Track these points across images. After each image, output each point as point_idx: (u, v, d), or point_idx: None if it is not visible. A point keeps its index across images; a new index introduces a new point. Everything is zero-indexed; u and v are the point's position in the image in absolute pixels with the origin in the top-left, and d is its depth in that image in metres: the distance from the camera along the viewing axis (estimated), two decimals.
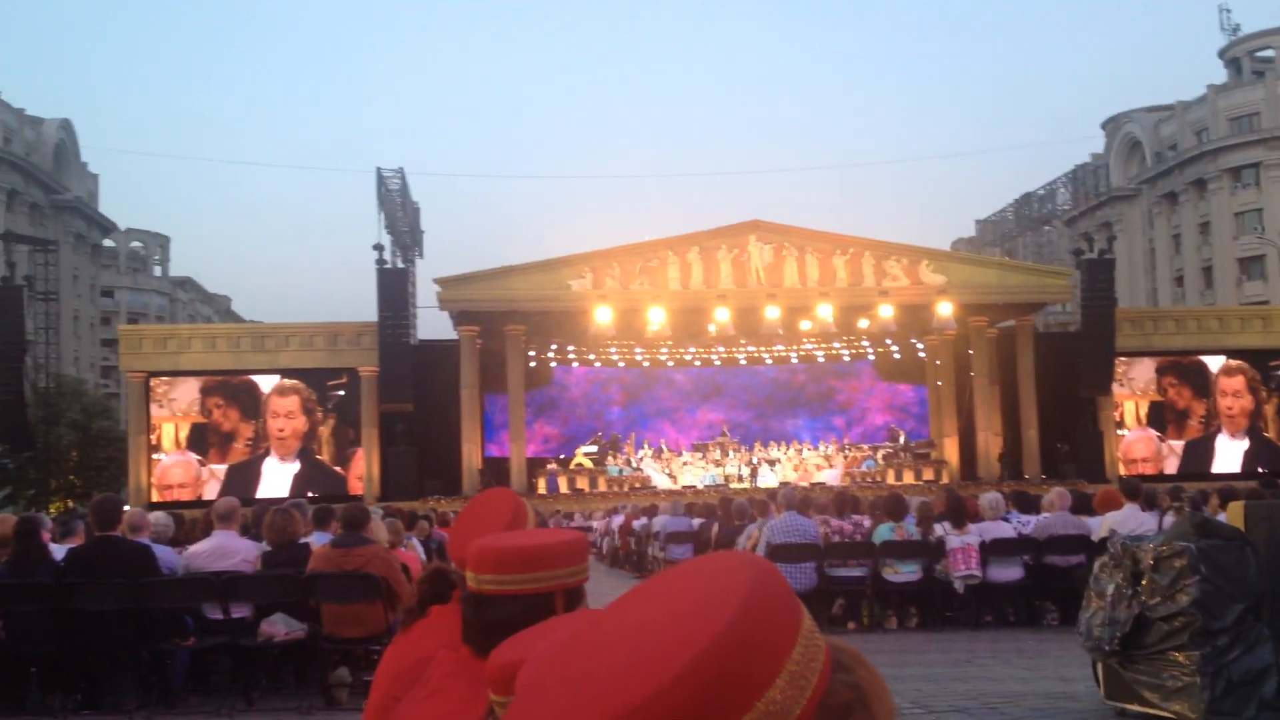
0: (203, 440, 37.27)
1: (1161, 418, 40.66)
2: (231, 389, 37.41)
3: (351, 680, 9.29)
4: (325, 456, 37.56)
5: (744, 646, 0.86)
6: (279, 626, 9.17)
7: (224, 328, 57.48)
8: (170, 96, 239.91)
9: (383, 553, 9.15)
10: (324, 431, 37.66)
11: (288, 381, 37.42)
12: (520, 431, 37.89)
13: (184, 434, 37.32)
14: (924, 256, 38.28)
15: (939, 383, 41.37)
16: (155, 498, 35.67)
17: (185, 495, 36.19)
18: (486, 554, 2.35)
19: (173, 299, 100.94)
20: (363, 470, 37.26)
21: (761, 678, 0.88)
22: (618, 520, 25.35)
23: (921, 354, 42.70)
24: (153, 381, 37.38)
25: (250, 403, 37.39)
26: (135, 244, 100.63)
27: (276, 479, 36.55)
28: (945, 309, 36.83)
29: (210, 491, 36.19)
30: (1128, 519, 11.77)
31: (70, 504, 47.94)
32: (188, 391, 37.38)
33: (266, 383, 37.49)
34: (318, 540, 10.02)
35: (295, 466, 37.15)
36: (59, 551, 9.78)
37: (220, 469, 37.08)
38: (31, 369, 42.17)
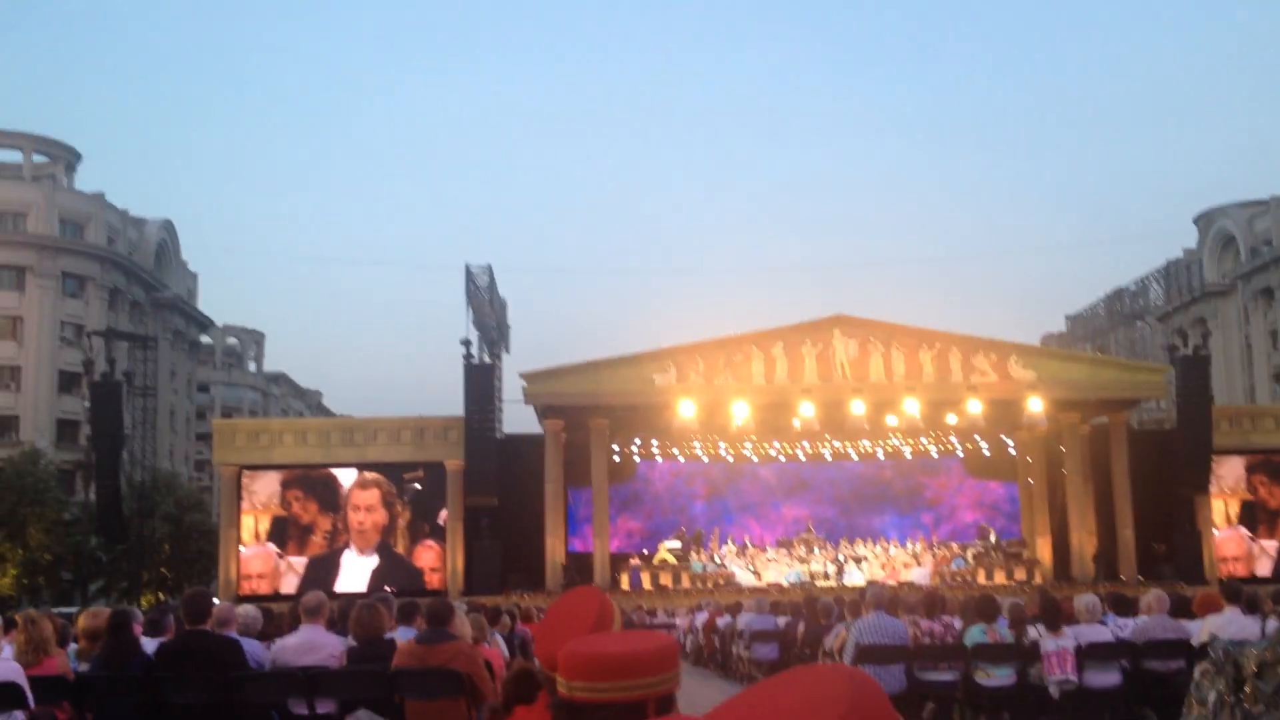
0: (282, 532, 37.69)
1: (1253, 517, 39.51)
2: (311, 481, 37.90)
3: None
4: (401, 550, 37.79)
5: None
6: None
7: (314, 422, 58.42)
8: (266, 196, 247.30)
9: (467, 649, 9.12)
10: (401, 524, 37.94)
11: (369, 475, 37.84)
12: (604, 526, 37.80)
13: (264, 526, 37.82)
14: (1013, 352, 37.83)
15: (1030, 480, 40.59)
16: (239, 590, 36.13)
17: (264, 587, 36.62)
18: (577, 660, 2.33)
19: (266, 394, 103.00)
20: (434, 562, 37.42)
21: None
22: (701, 618, 25.06)
23: (1012, 451, 41.99)
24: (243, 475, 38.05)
25: (329, 495, 37.83)
26: (231, 340, 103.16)
27: (355, 572, 36.83)
28: (1036, 405, 36.27)
29: (288, 584, 36.65)
30: (1229, 623, 11.37)
31: (162, 597, 48.65)
32: (268, 484, 37.95)
33: (346, 476, 37.97)
34: (402, 635, 10.02)
35: (374, 560, 37.42)
36: (150, 645, 9.89)
37: (299, 561, 37.44)
38: (128, 462, 43.12)
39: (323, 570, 36.62)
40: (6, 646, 9.05)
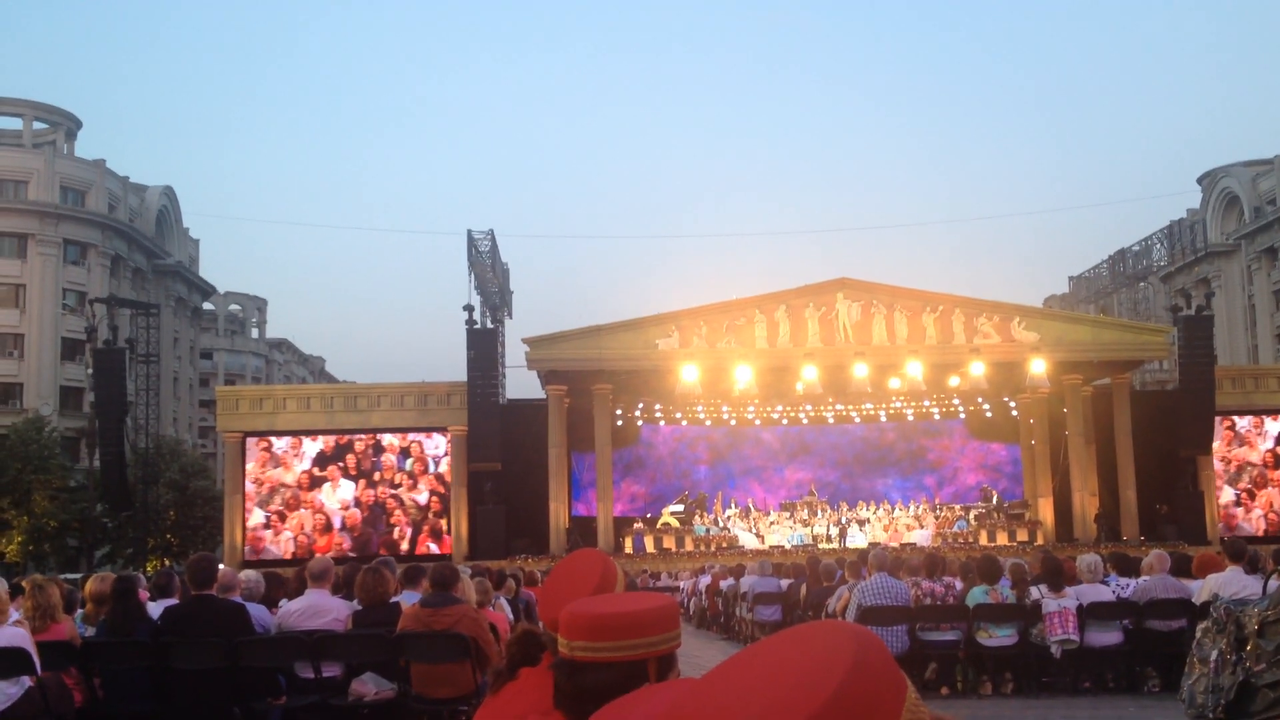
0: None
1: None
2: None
3: None
4: None
5: (849, 719, 0.84)
6: (369, 686, 9.20)
7: (318, 388, 58.42)
8: (267, 162, 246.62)
9: (471, 612, 9.16)
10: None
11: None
12: (607, 490, 37.91)
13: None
14: (1016, 313, 37.78)
15: (1033, 442, 40.63)
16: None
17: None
18: (578, 620, 2.34)
19: (269, 360, 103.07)
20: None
21: None
22: (704, 580, 25.17)
23: (1014, 412, 42.01)
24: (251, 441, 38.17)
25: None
26: (233, 307, 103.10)
27: None
28: (1038, 367, 36.26)
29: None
30: (1231, 582, 11.41)
31: (167, 563, 48.86)
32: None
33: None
34: (407, 599, 10.07)
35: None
36: (156, 610, 9.94)
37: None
38: (132, 430, 43.20)
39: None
40: (14, 613, 9.09)
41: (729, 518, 38.82)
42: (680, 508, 38.31)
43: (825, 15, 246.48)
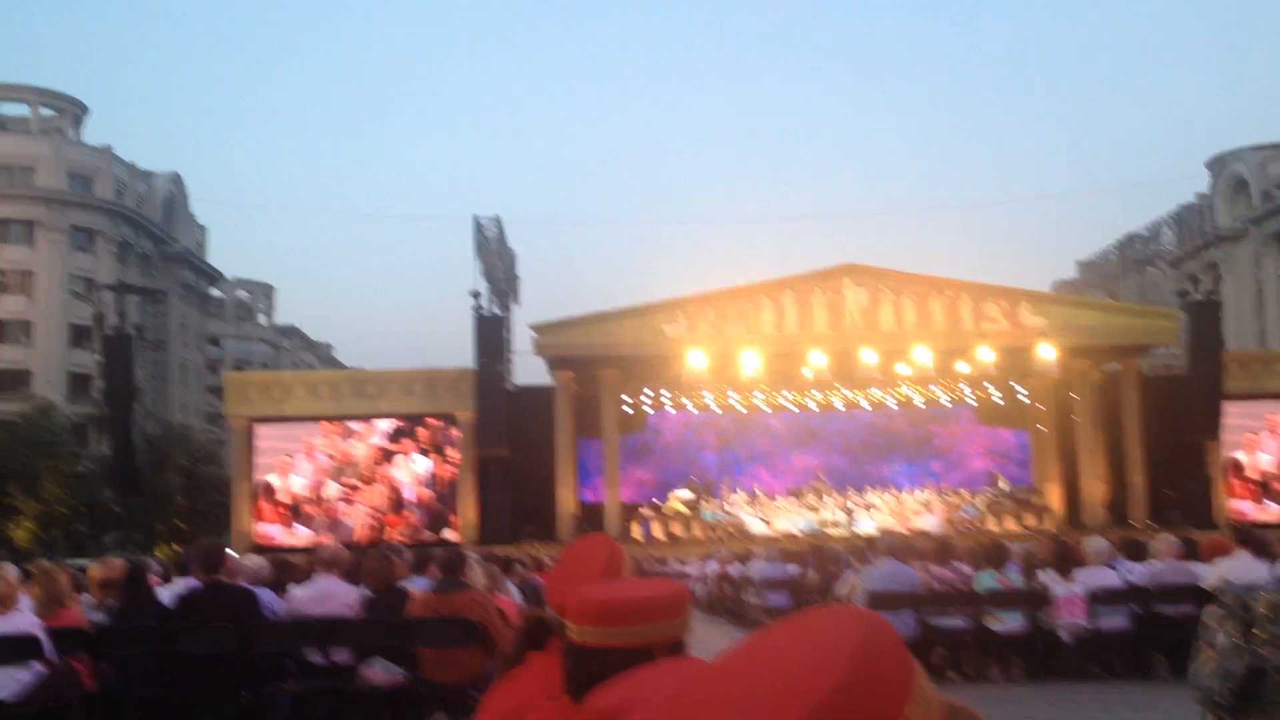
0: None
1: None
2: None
3: None
4: None
5: (857, 702, 0.84)
6: (379, 671, 9.24)
7: (326, 374, 58.59)
8: (275, 148, 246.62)
9: (480, 598, 9.18)
10: None
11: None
12: (615, 476, 37.94)
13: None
14: (1024, 299, 37.71)
15: (1041, 427, 40.58)
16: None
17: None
18: (587, 606, 2.33)
19: (277, 347, 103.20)
20: None
21: None
22: (713, 566, 25.17)
23: (1023, 398, 41.92)
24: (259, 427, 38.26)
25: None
26: (241, 293, 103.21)
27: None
28: (1047, 352, 36.19)
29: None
30: (1240, 567, 11.39)
31: (176, 548, 49.08)
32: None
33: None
34: (416, 585, 10.10)
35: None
36: (165, 595, 9.97)
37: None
38: (141, 416, 43.33)
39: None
40: (23, 599, 9.12)
41: (736, 503, 38.83)
42: (688, 494, 38.34)
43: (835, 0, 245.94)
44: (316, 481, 38.49)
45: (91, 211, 67.12)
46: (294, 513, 38.26)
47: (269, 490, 38.32)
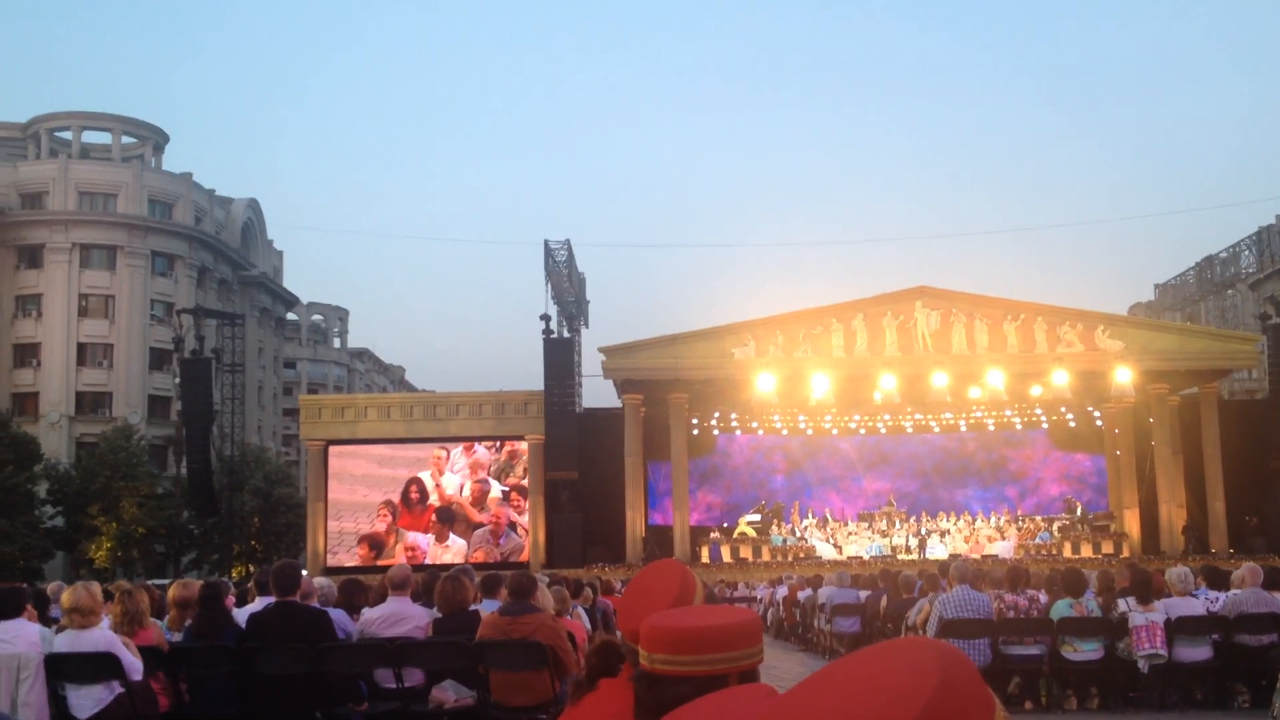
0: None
1: None
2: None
3: None
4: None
5: None
6: (449, 693, 9.27)
7: (398, 397, 59.08)
8: (349, 174, 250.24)
9: (550, 621, 9.19)
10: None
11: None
12: (684, 499, 37.88)
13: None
14: (1100, 322, 37.17)
15: (1118, 452, 39.89)
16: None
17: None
18: (659, 634, 2.32)
19: (350, 369, 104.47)
20: None
21: None
22: (782, 591, 25.02)
23: (1099, 422, 41.27)
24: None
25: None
26: (316, 317, 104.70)
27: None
28: (1124, 376, 35.61)
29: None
30: None
31: (251, 569, 49.72)
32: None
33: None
34: (486, 608, 10.13)
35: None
36: (241, 616, 10.10)
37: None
38: (218, 438, 44.03)
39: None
40: (104, 618, 9.28)
41: (806, 528, 38.58)
42: (757, 517, 38.16)
43: (904, 20, 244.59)
44: (479, 481, 38.46)
45: (171, 237, 68.49)
46: (446, 520, 38.30)
47: (420, 491, 38.38)
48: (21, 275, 66.01)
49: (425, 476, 38.21)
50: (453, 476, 38.29)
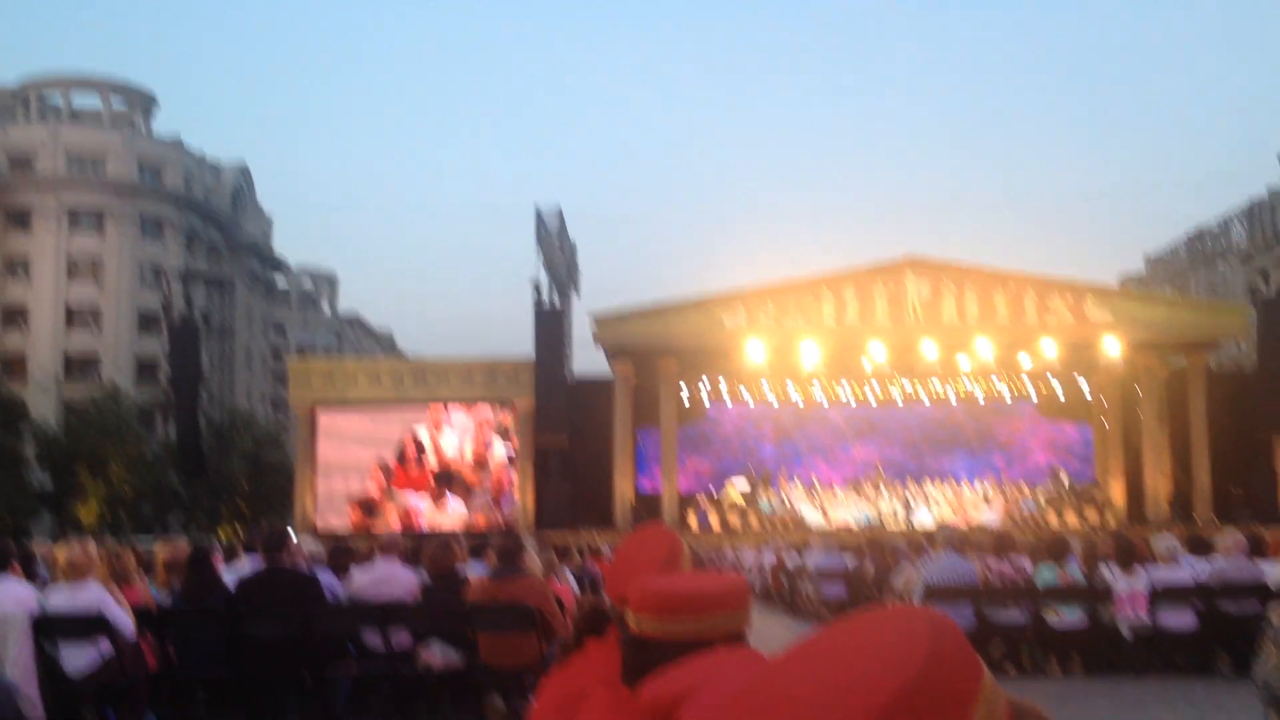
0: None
1: None
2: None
3: (506, 709, 9.39)
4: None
5: (924, 706, 0.83)
6: (437, 655, 9.32)
7: (387, 363, 59.08)
8: (339, 138, 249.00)
9: (537, 584, 9.24)
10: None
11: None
12: (672, 466, 37.96)
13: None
14: (1089, 293, 37.23)
15: (1105, 422, 40.05)
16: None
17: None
18: (647, 597, 2.33)
19: (340, 335, 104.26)
20: None
21: None
22: (769, 557, 25.14)
23: (1086, 393, 41.40)
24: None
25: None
26: (305, 282, 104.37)
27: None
28: (1112, 347, 35.70)
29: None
30: None
31: (239, 531, 49.81)
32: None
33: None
34: (474, 571, 10.18)
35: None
36: (228, 577, 10.12)
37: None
38: (206, 401, 43.99)
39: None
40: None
41: (794, 495, 38.71)
42: (745, 484, 38.27)
43: None
44: (480, 440, 38.19)
45: (160, 201, 68.17)
46: (445, 482, 38.02)
47: (417, 449, 38.11)
48: (10, 238, 65.74)
49: (423, 431, 38.10)
50: (452, 435, 38.12)
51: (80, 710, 8.63)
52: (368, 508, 37.70)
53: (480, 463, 38.08)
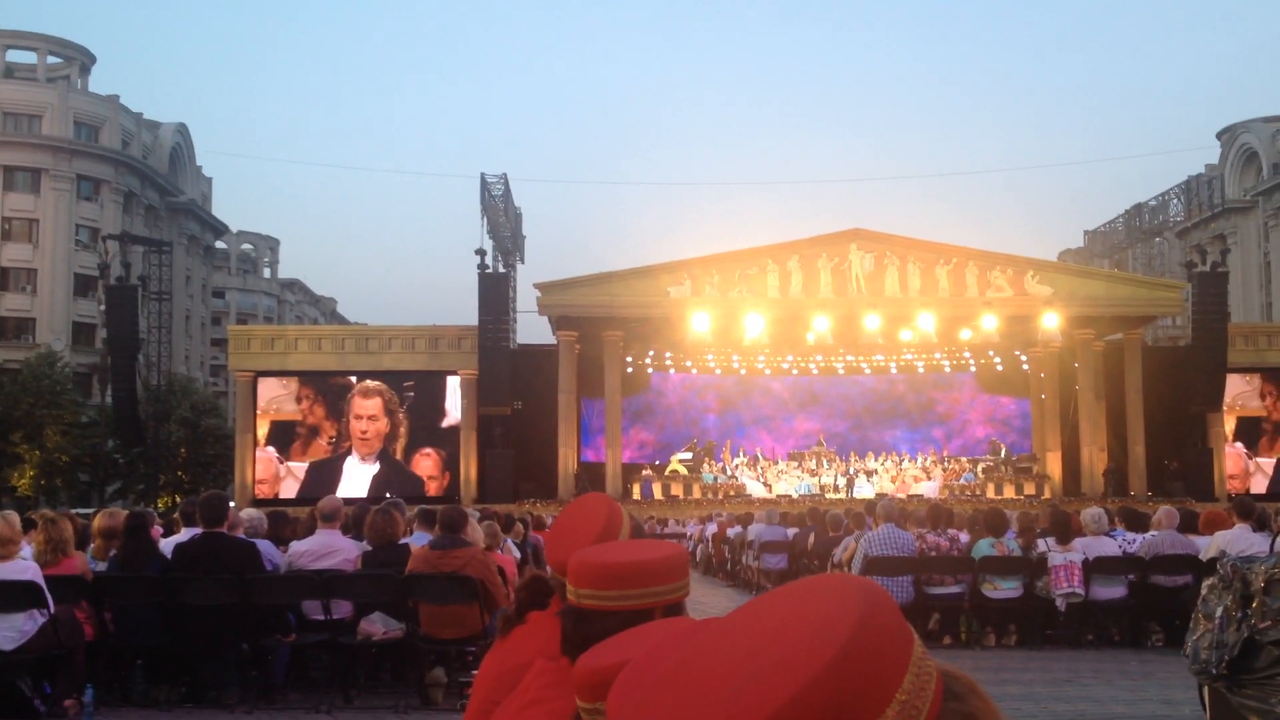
0: (286, 437, 37.97)
1: (1253, 434, 39.59)
2: (323, 387, 38.15)
3: (447, 680, 9.38)
4: (400, 457, 38.12)
5: (855, 675, 0.84)
6: (378, 625, 9.30)
7: (329, 329, 58.58)
8: (281, 101, 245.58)
9: (480, 555, 9.23)
10: (402, 433, 38.21)
11: (371, 383, 38.05)
12: (616, 437, 38.02)
13: (263, 431, 38.07)
14: (1029, 267, 37.62)
15: (1043, 396, 40.60)
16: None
17: (265, 492, 36.94)
18: (586, 569, 2.33)
19: (281, 300, 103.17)
20: (432, 470, 37.76)
21: (872, 706, 0.85)
22: (711, 528, 25.28)
23: (1025, 366, 41.94)
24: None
25: (336, 401, 38.07)
26: (245, 246, 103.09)
27: (356, 479, 37.12)
28: (1051, 321, 36.14)
29: (288, 489, 37.06)
30: (1238, 539, 11.43)
31: (178, 499, 49.27)
32: (271, 389, 38.20)
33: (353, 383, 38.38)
34: (417, 541, 10.14)
35: (375, 467, 37.75)
36: (166, 546, 10.01)
37: (299, 466, 37.75)
38: (144, 367, 43.35)
39: (324, 476, 36.90)
40: (26, 547, 9.16)
41: (737, 466, 38.91)
42: (689, 455, 38.42)
43: None
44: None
45: (97, 161, 66.88)
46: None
47: (354, 416, 38.14)
48: None
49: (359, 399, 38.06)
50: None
51: (16, 683, 8.52)
52: (313, 475, 37.40)
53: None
